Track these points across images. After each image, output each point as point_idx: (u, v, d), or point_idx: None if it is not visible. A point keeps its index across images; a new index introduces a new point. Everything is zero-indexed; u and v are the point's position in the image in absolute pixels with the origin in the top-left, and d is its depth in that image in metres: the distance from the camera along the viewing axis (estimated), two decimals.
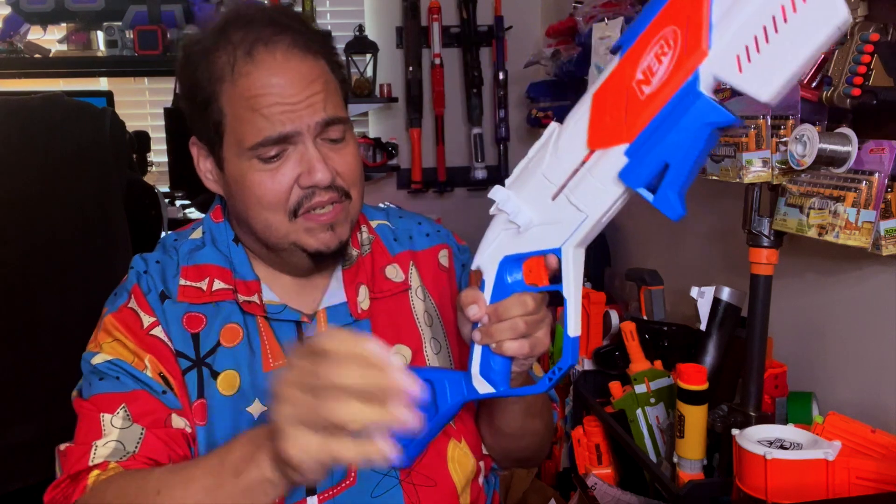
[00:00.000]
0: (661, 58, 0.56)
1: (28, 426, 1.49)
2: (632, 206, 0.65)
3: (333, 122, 0.81)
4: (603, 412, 1.45)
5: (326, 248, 0.83)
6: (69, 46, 2.38)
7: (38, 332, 1.52)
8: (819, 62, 1.13)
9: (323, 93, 0.81)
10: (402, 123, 2.72)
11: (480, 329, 0.72)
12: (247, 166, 0.80)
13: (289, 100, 0.78)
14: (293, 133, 0.79)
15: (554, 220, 0.65)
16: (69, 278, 1.56)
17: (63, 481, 0.78)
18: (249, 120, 0.79)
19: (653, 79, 0.57)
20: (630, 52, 0.58)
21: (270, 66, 0.79)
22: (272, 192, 0.80)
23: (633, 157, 0.59)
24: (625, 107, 0.58)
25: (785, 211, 1.08)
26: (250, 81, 0.79)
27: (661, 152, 0.57)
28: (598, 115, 0.60)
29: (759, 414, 1.13)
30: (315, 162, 0.80)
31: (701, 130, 0.56)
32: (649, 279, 1.64)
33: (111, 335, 0.84)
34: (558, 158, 0.63)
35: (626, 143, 0.59)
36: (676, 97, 0.56)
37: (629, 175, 0.59)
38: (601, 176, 0.61)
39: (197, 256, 0.88)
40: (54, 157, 1.56)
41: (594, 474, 1.45)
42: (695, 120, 0.55)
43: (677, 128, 0.56)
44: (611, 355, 1.53)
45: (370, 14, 2.70)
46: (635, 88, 0.58)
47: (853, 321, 1.18)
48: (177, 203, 2.56)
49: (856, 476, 0.89)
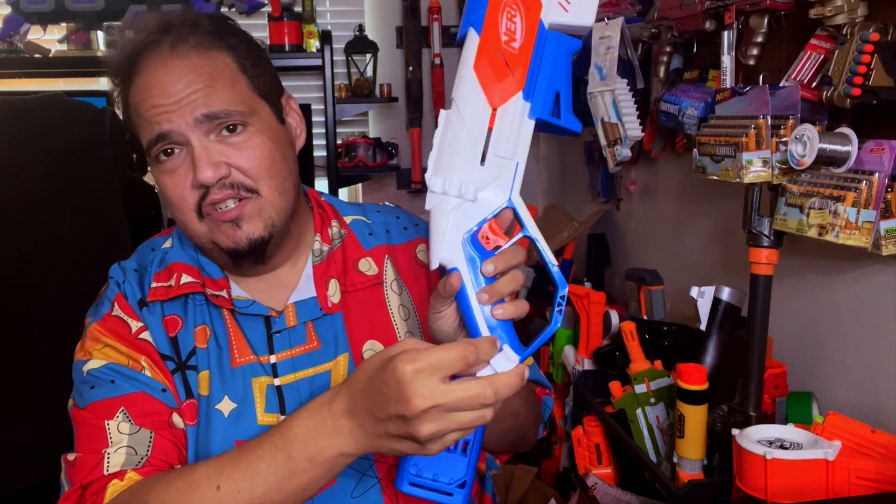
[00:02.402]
0: (513, 19, 0.70)
1: (28, 426, 1.49)
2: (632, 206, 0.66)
3: (219, 116, 0.80)
4: (603, 412, 1.45)
5: (237, 245, 0.82)
6: (69, 46, 2.38)
7: (38, 333, 1.52)
8: (819, 62, 1.14)
9: (206, 88, 0.80)
10: (402, 123, 2.72)
11: (485, 289, 0.71)
12: (156, 171, 0.84)
13: (165, 100, 0.80)
14: (170, 132, 0.80)
15: (493, 178, 0.72)
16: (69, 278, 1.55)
17: (75, 492, 0.77)
18: (139, 125, 0.82)
19: (515, 35, 0.70)
20: (486, 26, 0.71)
21: (149, 71, 0.81)
22: (176, 194, 0.82)
23: (532, 98, 0.71)
24: (505, 63, 0.70)
25: (785, 211, 1.08)
26: (135, 89, 0.83)
27: (551, 85, 0.71)
28: (486, 80, 0.71)
29: (759, 414, 1.13)
30: (198, 159, 0.80)
31: (565, 58, 0.72)
32: (649, 279, 1.64)
33: (100, 342, 0.84)
34: (470, 128, 0.71)
35: (519, 91, 0.71)
36: (538, 41, 0.70)
37: (537, 110, 0.71)
38: (513, 123, 0.71)
39: (166, 259, 0.90)
40: (54, 157, 1.56)
41: (594, 474, 1.45)
42: (560, 51, 0.71)
43: (552, 63, 0.71)
44: (611, 355, 1.53)
45: (370, 14, 2.70)
46: (506, 48, 0.71)
47: (853, 321, 1.18)
48: None
49: (856, 476, 0.89)
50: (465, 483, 0.75)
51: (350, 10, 2.70)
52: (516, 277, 0.72)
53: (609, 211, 2.12)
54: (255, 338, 0.87)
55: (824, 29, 1.11)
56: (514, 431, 0.92)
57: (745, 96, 1.20)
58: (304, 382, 0.86)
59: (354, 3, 2.70)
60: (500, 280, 0.71)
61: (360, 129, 2.76)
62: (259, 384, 0.86)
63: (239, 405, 0.85)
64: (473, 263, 0.72)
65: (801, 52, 1.16)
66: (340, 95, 2.52)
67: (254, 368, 0.86)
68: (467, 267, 0.72)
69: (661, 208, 1.84)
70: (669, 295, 1.65)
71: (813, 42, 1.14)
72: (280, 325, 0.88)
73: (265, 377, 0.86)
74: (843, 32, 1.04)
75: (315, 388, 0.86)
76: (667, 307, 1.63)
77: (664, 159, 1.79)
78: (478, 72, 0.71)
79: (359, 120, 2.77)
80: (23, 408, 1.50)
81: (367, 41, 2.56)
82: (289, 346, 0.88)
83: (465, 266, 0.72)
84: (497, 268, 0.71)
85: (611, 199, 2.08)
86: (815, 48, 1.14)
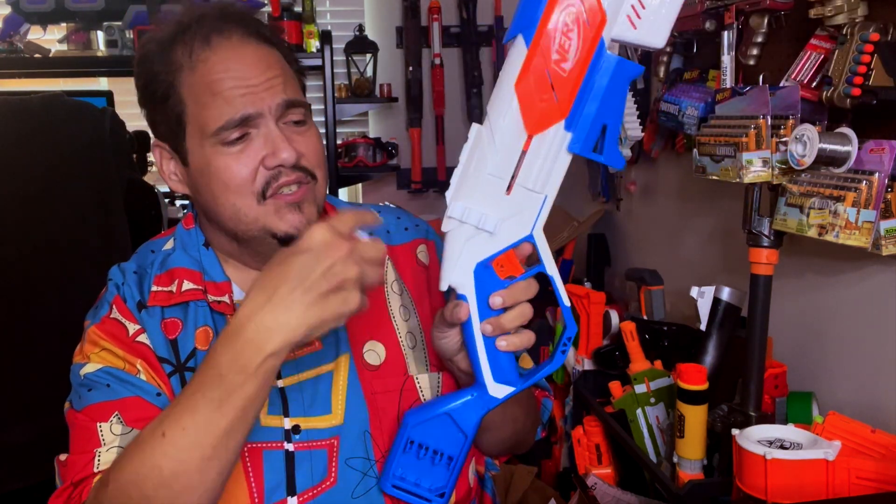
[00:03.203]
0: (569, 34, 0.61)
1: (27, 426, 1.49)
2: (632, 206, 0.66)
3: (294, 105, 0.82)
4: (603, 412, 1.45)
5: (296, 230, 0.82)
6: (69, 46, 2.38)
7: (38, 333, 1.52)
8: (819, 62, 1.14)
9: (282, 76, 0.82)
10: (402, 123, 2.72)
11: (490, 321, 0.72)
12: (211, 153, 0.81)
13: (248, 82, 0.80)
14: (255, 114, 0.80)
15: (516, 212, 0.67)
16: (69, 278, 1.55)
17: (66, 489, 0.78)
18: (210, 104, 0.79)
19: (568, 54, 0.61)
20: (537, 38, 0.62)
21: (227, 52, 0.81)
22: (238, 175, 0.80)
23: (575, 130, 0.64)
24: (551, 87, 0.62)
25: (785, 211, 1.08)
26: (209, 66, 0.80)
27: (599, 117, 0.63)
28: (528, 102, 0.63)
29: (759, 414, 1.13)
30: (279, 141, 0.80)
31: (623, 86, 0.63)
32: (649, 279, 1.64)
33: (98, 345, 0.84)
34: (501, 155, 0.65)
35: (562, 119, 0.64)
36: (592, 64, 0.62)
37: (578, 145, 0.64)
38: (548, 155, 0.65)
39: (168, 262, 0.89)
40: (54, 157, 1.56)
41: (594, 474, 1.45)
42: (618, 79, 0.62)
43: (605, 91, 0.62)
44: (611, 355, 1.53)
45: (370, 14, 2.70)
46: (556, 68, 0.62)
47: (853, 321, 1.18)
48: (177, 203, 2.56)
49: (856, 476, 0.89)
50: (444, 493, 0.78)
51: (350, 10, 2.70)
52: (524, 312, 0.71)
53: (609, 211, 2.12)
54: None
55: (824, 29, 1.11)
56: (514, 437, 0.93)
57: (745, 96, 1.20)
58: (308, 383, 0.86)
59: (354, 3, 2.70)
60: (507, 314, 0.71)
61: (360, 129, 2.76)
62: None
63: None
64: (483, 291, 0.71)
65: (801, 52, 1.16)
66: (340, 95, 2.52)
67: None
68: (475, 295, 0.71)
69: (661, 208, 1.84)
70: (669, 295, 1.65)
71: (813, 42, 1.14)
72: None
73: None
74: (843, 32, 1.04)
75: (318, 389, 0.86)
76: (667, 307, 1.63)
77: (664, 159, 1.79)
78: (519, 92, 0.63)
79: (359, 120, 2.77)
80: (22, 408, 1.50)
81: (367, 41, 2.56)
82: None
83: (472, 293, 0.72)
84: (505, 301, 0.71)
85: (611, 199, 2.08)
86: (815, 48, 1.14)
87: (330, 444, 0.84)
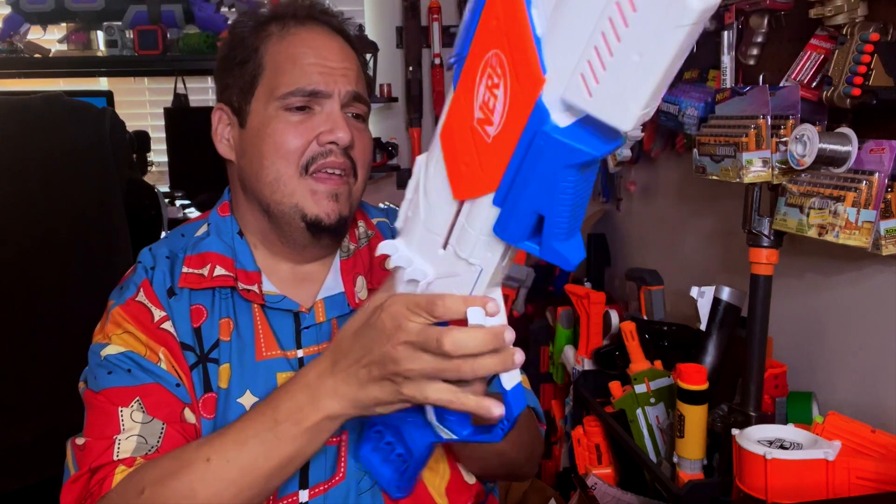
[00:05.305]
0: (493, 90, 0.44)
1: (28, 426, 1.49)
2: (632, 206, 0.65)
3: (361, 100, 0.88)
4: (603, 412, 1.45)
5: (327, 217, 0.85)
6: (69, 46, 2.38)
7: (38, 332, 1.52)
8: (819, 62, 1.14)
9: (356, 71, 0.88)
10: (402, 123, 2.72)
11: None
12: (272, 115, 0.84)
13: (328, 63, 0.85)
14: (325, 93, 0.84)
15: (450, 273, 0.56)
16: (69, 278, 1.56)
17: (83, 475, 0.77)
18: (288, 70, 0.84)
19: (493, 117, 0.45)
20: (462, 80, 0.47)
21: (316, 35, 0.87)
22: (291, 143, 0.84)
23: (503, 208, 0.49)
24: (475, 151, 0.47)
25: (785, 211, 1.08)
26: (298, 39, 0.86)
27: (529, 204, 0.47)
28: (453, 161, 0.50)
29: (759, 414, 1.13)
30: (340, 121, 0.84)
31: (564, 174, 0.44)
32: (649, 279, 1.64)
33: (121, 327, 0.84)
34: (433, 209, 0.54)
35: (491, 192, 0.49)
36: (524, 138, 0.45)
37: (504, 230, 0.49)
38: (479, 228, 0.51)
39: (201, 246, 0.90)
40: (54, 157, 1.56)
41: (594, 474, 1.45)
42: (551, 165, 0.44)
43: (536, 175, 0.45)
44: (611, 355, 1.53)
45: (370, 14, 2.70)
46: (479, 129, 0.46)
47: (853, 321, 1.18)
48: (177, 203, 2.56)
49: (856, 476, 0.89)
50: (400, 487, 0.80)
51: (350, 11, 2.70)
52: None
53: (609, 211, 2.12)
54: (283, 332, 0.88)
55: (824, 29, 1.11)
56: (503, 469, 0.92)
57: (745, 96, 1.20)
58: None
59: (354, 4, 2.70)
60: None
61: None
62: (283, 379, 0.85)
63: (261, 399, 0.84)
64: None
65: (801, 52, 1.16)
66: None
67: (279, 363, 0.86)
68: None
69: (661, 208, 1.84)
70: (669, 295, 1.65)
71: (813, 42, 1.14)
72: (310, 321, 0.89)
73: (290, 372, 0.86)
74: (843, 32, 1.04)
75: None
76: (667, 307, 1.63)
77: (664, 159, 1.79)
78: (444, 144, 0.50)
79: None
80: (23, 408, 1.50)
81: (367, 41, 2.56)
82: (316, 341, 0.88)
83: None
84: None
85: (611, 199, 2.08)
86: (815, 48, 1.14)
87: (339, 439, 0.85)
